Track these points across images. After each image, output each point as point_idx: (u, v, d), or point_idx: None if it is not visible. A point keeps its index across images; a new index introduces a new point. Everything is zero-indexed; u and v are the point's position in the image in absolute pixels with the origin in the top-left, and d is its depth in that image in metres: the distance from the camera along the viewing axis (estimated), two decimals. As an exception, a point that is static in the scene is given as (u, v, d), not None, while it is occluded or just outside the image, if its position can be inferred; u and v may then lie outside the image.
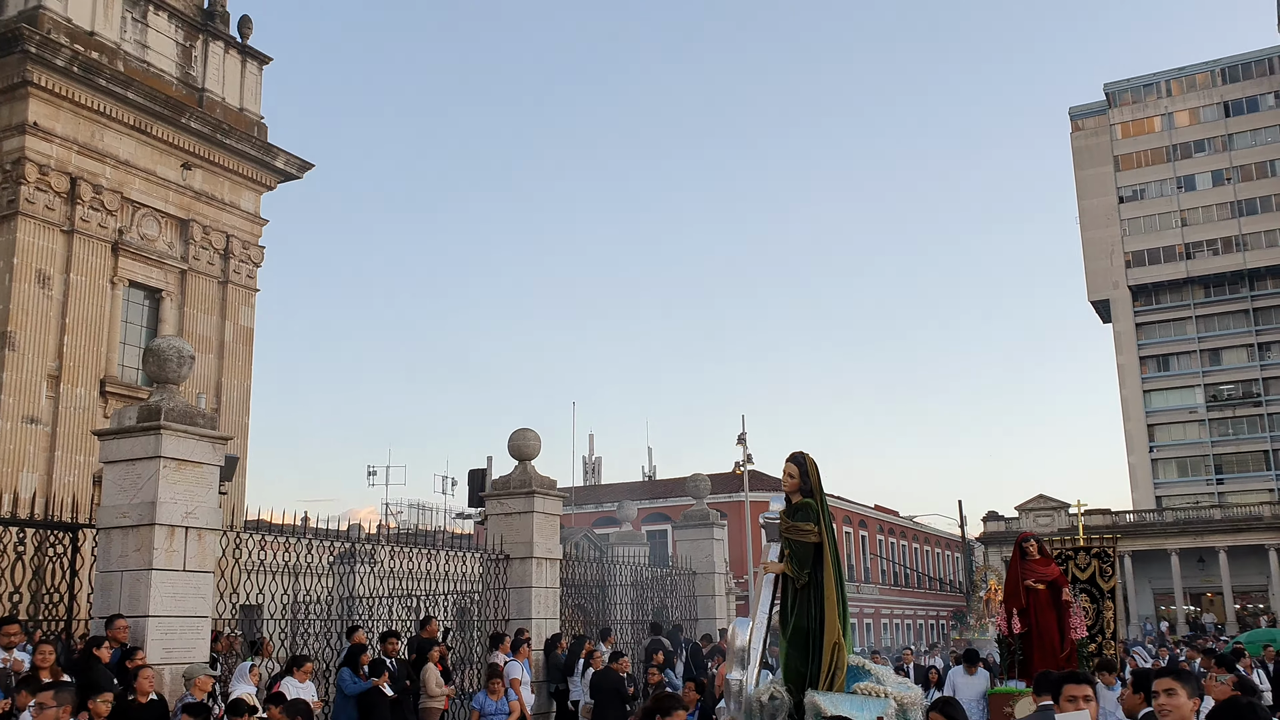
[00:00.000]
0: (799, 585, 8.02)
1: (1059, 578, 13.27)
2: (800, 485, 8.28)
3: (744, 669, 7.69)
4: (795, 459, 8.34)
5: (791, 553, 8.06)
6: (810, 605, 7.95)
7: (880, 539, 68.35)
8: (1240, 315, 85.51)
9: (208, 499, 11.83)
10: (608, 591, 22.03)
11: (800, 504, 8.19)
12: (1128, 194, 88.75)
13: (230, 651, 14.33)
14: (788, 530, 8.10)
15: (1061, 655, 12.41)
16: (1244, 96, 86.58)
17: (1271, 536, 63.01)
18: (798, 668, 7.81)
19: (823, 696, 7.45)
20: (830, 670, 7.68)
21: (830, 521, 8.18)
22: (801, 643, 7.86)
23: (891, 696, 7.53)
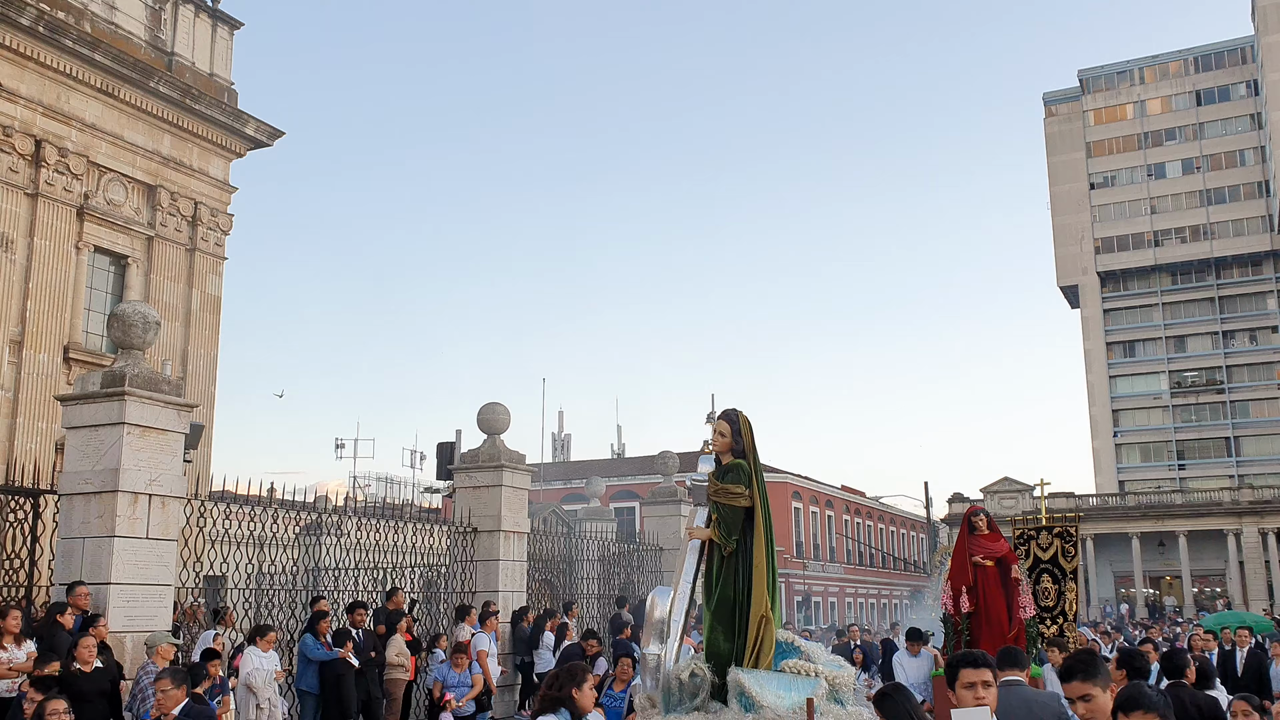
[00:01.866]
0: (726, 553, 7.40)
1: (1008, 554, 12.65)
2: (732, 445, 7.64)
3: (662, 643, 7.12)
4: (727, 416, 7.73)
5: (720, 517, 7.43)
6: (737, 575, 7.35)
7: (846, 519, 68.89)
8: (1206, 303, 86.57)
9: (172, 467, 11.73)
10: (575, 566, 22.08)
11: (731, 465, 7.55)
12: (1099, 180, 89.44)
13: (193, 620, 14.25)
14: (716, 493, 7.47)
15: (1010, 635, 11.79)
16: (1215, 86, 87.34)
17: (1230, 522, 64.02)
18: (722, 643, 7.23)
19: (747, 674, 6.89)
20: (756, 646, 7.11)
21: (763, 485, 7.57)
22: (727, 616, 7.30)
23: (822, 676, 6.98)
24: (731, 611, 7.26)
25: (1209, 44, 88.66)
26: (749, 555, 7.34)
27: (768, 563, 7.34)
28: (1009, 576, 12.35)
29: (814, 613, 58.41)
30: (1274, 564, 62.76)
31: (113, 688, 10.05)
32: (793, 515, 60.53)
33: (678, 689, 6.96)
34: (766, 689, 6.68)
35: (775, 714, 6.53)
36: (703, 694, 6.95)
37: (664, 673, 7.00)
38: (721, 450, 7.67)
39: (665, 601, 7.22)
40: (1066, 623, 13.29)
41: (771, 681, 6.81)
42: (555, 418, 77.46)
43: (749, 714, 6.58)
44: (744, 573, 7.33)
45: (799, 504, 61.70)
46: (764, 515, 7.43)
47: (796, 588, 58.54)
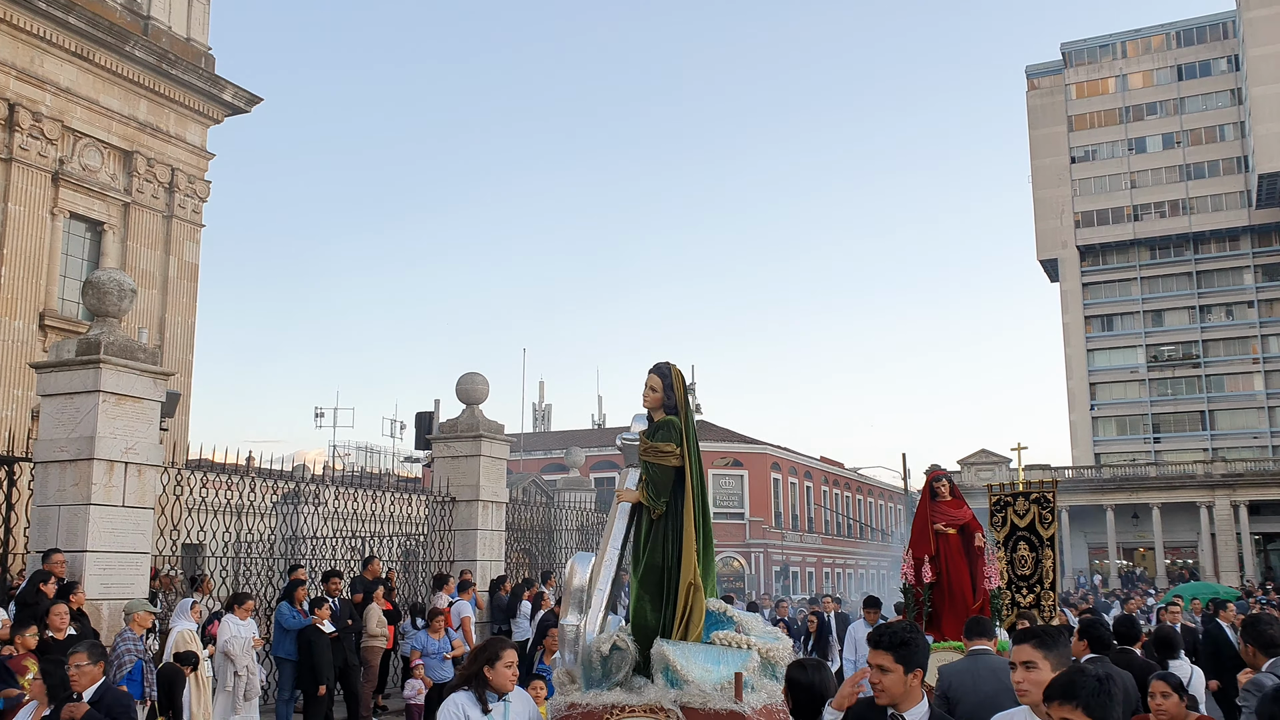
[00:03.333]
0: (654, 516, 6.93)
1: (971, 521, 11.99)
2: (663, 400, 7.17)
3: (581, 613, 6.66)
4: (658, 369, 7.25)
5: (648, 478, 6.97)
6: (666, 540, 6.89)
7: (825, 490, 69.34)
8: (1184, 278, 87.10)
9: (148, 435, 11.70)
10: (554, 536, 22.18)
11: (662, 422, 7.11)
12: (1080, 154, 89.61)
13: (170, 588, 14.26)
14: (645, 452, 7.02)
15: (974, 607, 11.23)
16: (1196, 60, 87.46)
17: (1203, 494, 64.79)
18: (649, 613, 6.79)
19: (672, 647, 6.44)
20: (684, 617, 6.66)
21: (696, 443, 7.14)
22: (655, 584, 6.84)
23: (755, 648, 6.54)
24: (660, 580, 6.81)
25: (1191, 18, 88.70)
26: (679, 518, 6.88)
27: (699, 526, 6.90)
28: (973, 545, 11.80)
29: (792, 582, 58.88)
30: (1245, 536, 63.65)
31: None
32: (772, 486, 60.88)
33: (599, 663, 6.53)
34: (693, 662, 6.30)
35: (701, 689, 6.17)
36: (625, 668, 6.53)
37: (583, 646, 6.57)
38: (652, 406, 7.22)
39: (585, 569, 6.78)
40: (1043, 591, 12.74)
41: (699, 654, 6.40)
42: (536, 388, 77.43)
43: (674, 689, 6.20)
44: (673, 538, 6.87)
45: (778, 475, 62.03)
46: (696, 476, 6.99)
47: (775, 558, 58.97)
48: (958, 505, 12.05)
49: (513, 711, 5.60)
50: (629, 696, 6.31)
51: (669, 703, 6.12)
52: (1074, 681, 3.54)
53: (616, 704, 6.28)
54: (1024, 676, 4.17)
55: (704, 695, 6.11)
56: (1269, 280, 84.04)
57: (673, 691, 6.19)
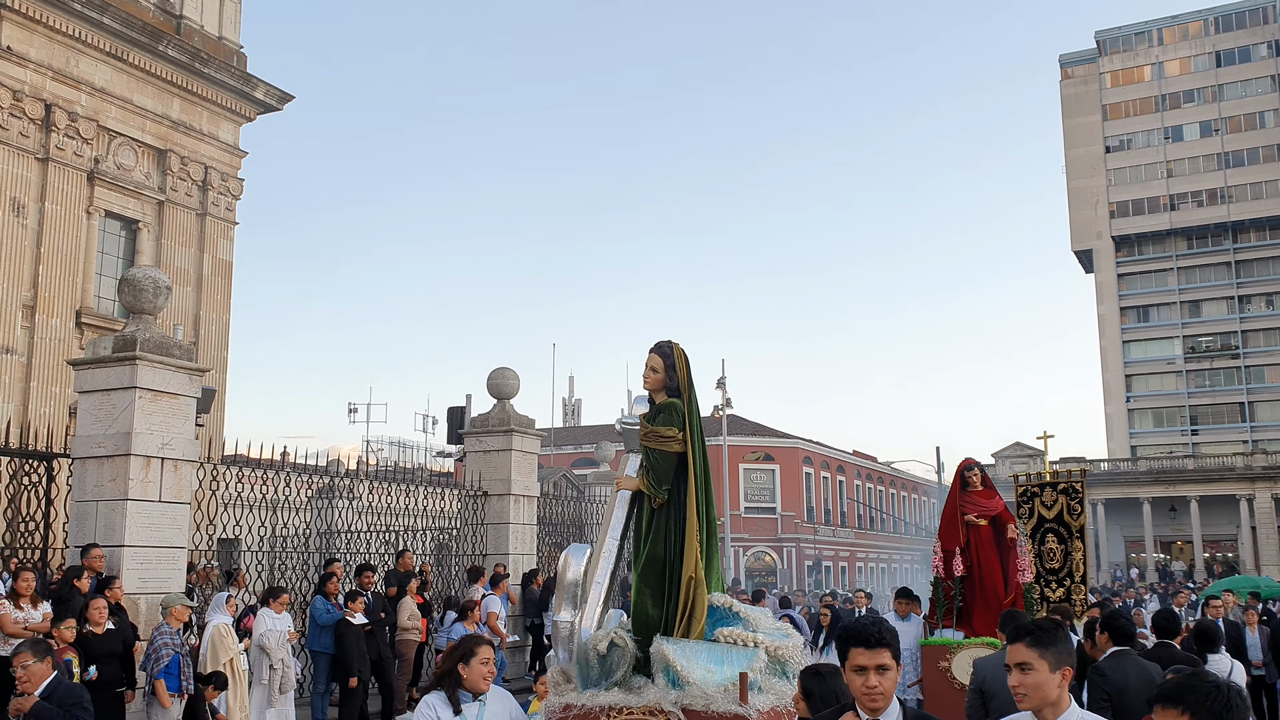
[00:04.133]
0: (655, 505, 6.54)
1: (1004, 512, 11.58)
2: (665, 382, 6.77)
3: (575, 609, 6.25)
4: (659, 349, 6.83)
5: (649, 464, 6.59)
6: (669, 531, 6.49)
7: (858, 484, 69.03)
8: (1222, 268, 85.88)
9: (184, 430, 11.81)
10: (584, 530, 22.20)
11: (664, 404, 6.70)
12: (1114, 144, 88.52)
13: (206, 582, 14.40)
14: (646, 437, 6.61)
15: (1006, 601, 10.83)
16: (1235, 46, 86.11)
17: (1243, 487, 63.92)
18: (650, 609, 6.37)
19: (673, 646, 6.01)
20: (686, 612, 6.23)
21: (699, 427, 6.72)
22: (656, 578, 6.43)
23: (762, 646, 6.09)
24: (661, 573, 6.40)
25: (1229, 4, 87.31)
26: (681, 508, 6.47)
27: (702, 515, 6.49)
28: (1005, 537, 11.36)
29: (825, 576, 58.69)
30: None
31: (125, 649, 10.19)
32: (804, 480, 60.67)
33: (596, 662, 6.14)
34: (695, 662, 5.88)
35: (704, 690, 5.76)
36: (623, 667, 6.13)
37: (578, 643, 6.17)
38: (654, 388, 6.83)
39: (579, 561, 6.36)
40: (1074, 585, 12.26)
41: (701, 653, 5.99)
42: (566, 383, 77.53)
43: (675, 690, 5.80)
44: (676, 528, 6.46)
45: (810, 469, 61.81)
46: (699, 462, 6.58)
47: (808, 552, 58.79)
48: (989, 496, 11.64)
49: (489, 712, 5.30)
50: (627, 698, 5.97)
51: (669, 704, 5.79)
52: (1186, 685, 3.08)
53: (614, 705, 5.94)
54: (1020, 680, 3.67)
55: (706, 697, 5.75)
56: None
57: (674, 693, 5.82)
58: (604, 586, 6.40)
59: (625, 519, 6.65)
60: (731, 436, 46.81)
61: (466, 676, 5.15)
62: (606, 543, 6.56)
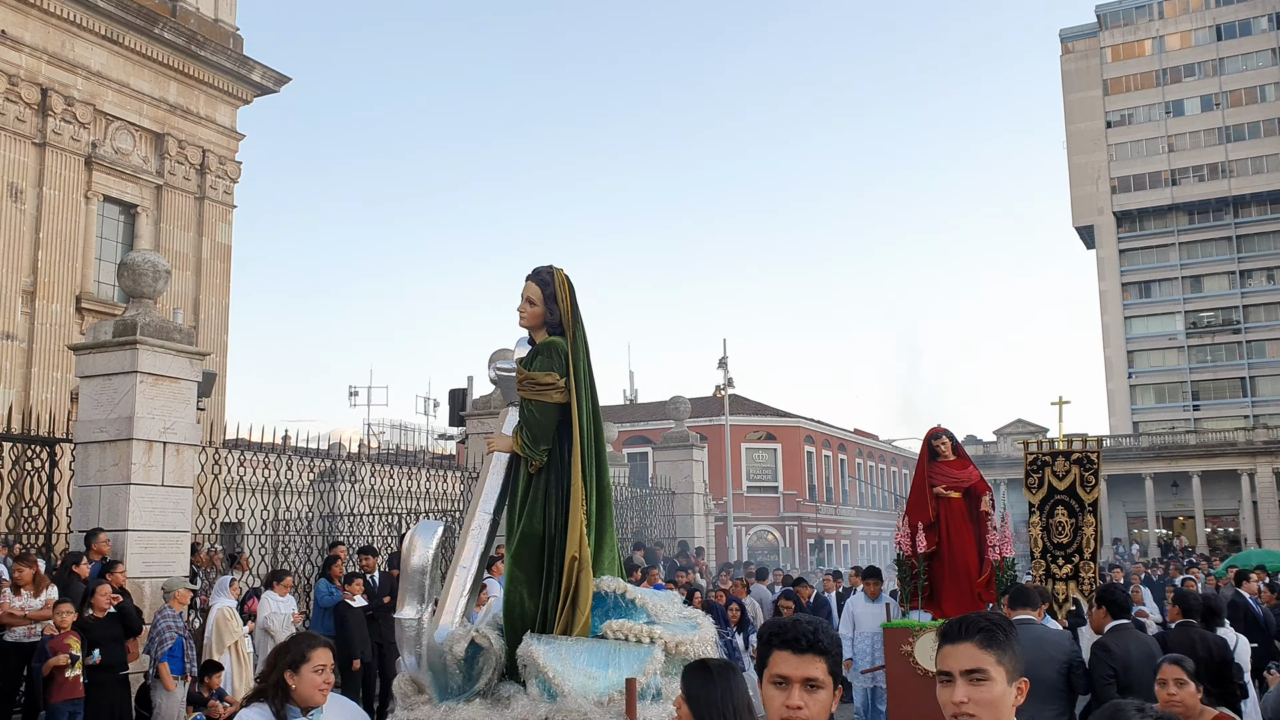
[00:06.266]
0: (531, 470, 5.35)
1: (978, 483, 10.65)
2: (545, 316, 5.52)
3: (421, 603, 5.19)
4: (538, 275, 5.57)
5: (524, 419, 5.36)
6: (548, 502, 5.31)
7: (859, 462, 69.10)
8: (1223, 242, 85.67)
9: (186, 415, 11.80)
10: (588, 510, 22.19)
11: (543, 344, 5.47)
12: (1115, 119, 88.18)
13: (210, 566, 14.43)
14: (522, 385, 5.38)
15: (979, 580, 10.04)
16: (1236, 20, 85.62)
17: (1244, 462, 64.00)
18: (524, 600, 5.23)
19: (546, 646, 4.91)
20: (566, 602, 5.09)
21: (588, 371, 5.49)
22: (533, 560, 5.27)
23: (660, 642, 5.02)
24: (539, 554, 5.27)
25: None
26: (564, 472, 5.30)
27: (590, 482, 5.34)
28: (978, 510, 10.46)
29: (826, 555, 58.83)
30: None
31: (128, 633, 10.21)
32: (805, 459, 60.73)
33: (455, 667, 5.06)
34: (571, 665, 4.81)
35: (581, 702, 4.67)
36: (488, 673, 5.07)
37: (427, 645, 5.10)
38: (532, 325, 5.58)
39: (427, 543, 5.25)
40: (1083, 562, 11.48)
41: (580, 655, 4.91)
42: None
43: (547, 702, 4.75)
44: (557, 498, 5.29)
45: (811, 448, 61.85)
46: (587, 416, 5.37)
47: (810, 531, 58.92)
48: (962, 465, 10.79)
49: None
50: (489, 712, 4.91)
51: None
52: None
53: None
54: (969, 695, 2.62)
55: (582, 712, 4.68)
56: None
57: (543, 706, 4.75)
58: (470, 572, 5.37)
59: (501, 488, 5.53)
60: (733, 416, 46.78)
61: (296, 687, 3.99)
62: (475, 518, 5.46)
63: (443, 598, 5.32)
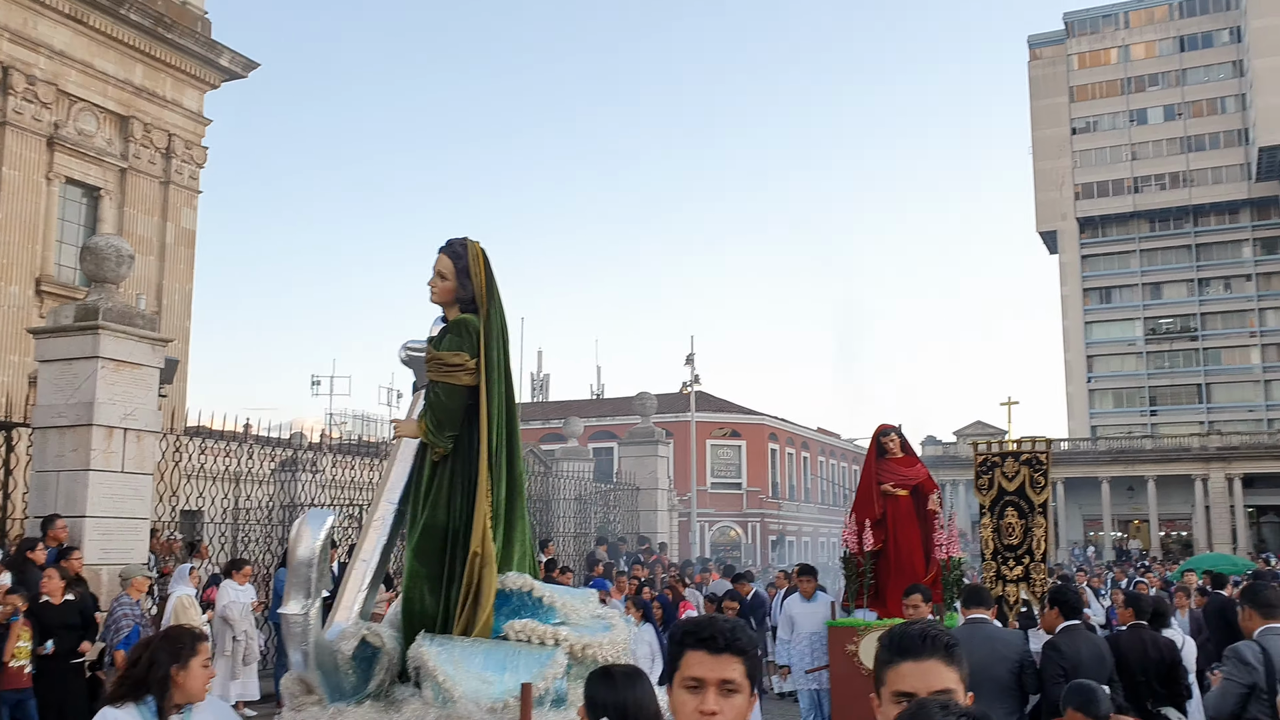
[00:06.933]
0: (435, 457, 5.05)
1: (925, 481, 10.60)
2: (457, 293, 5.24)
3: (308, 597, 4.76)
4: (450, 248, 5.35)
5: (429, 403, 5.05)
6: (453, 492, 5.01)
7: (822, 460, 69.54)
8: (1183, 250, 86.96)
9: (147, 401, 11.70)
10: (551, 505, 22.25)
11: (454, 322, 5.19)
12: (1080, 125, 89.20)
13: (169, 554, 14.32)
14: (431, 366, 5.10)
15: (925, 579, 9.84)
16: (1199, 32, 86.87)
17: (1198, 467, 65.02)
18: (424, 596, 4.97)
19: (439, 647, 4.61)
20: (467, 600, 4.78)
21: (502, 352, 5.16)
22: (434, 554, 4.97)
23: (565, 644, 4.70)
24: (441, 548, 4.97)
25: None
26: (471, 460, 4.98)
27: (498, 472, 5.00)
28: (925, 509, 10.36)
29: (787, 551, 59.20)
30: (1239, 508, 63.96)
31: (84, 619, 10.12)
32: (769, 456, 61.05)
33: (349, 668, 4.77)
34: (465, 668, 4.50)
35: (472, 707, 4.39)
36: (380, 674, 4.80)
37: (314, 643, 4.73)
38: (444, 301, 5.29)
39: (315, 534, 4.81)
40: (1034, 563, 11.46)
41: (476, 657, 4.60)
42: (534, 357, 77.42)
43: (439, 707, 4.49)
44: (464, 489, 4.98)
45: (775, 445, 62.18)
46: (498, 401, 5.03)
47: (772, 527, 59.27)
48: (909, 463, 10.72)
49: None
50: (380, 716, 4.65)
51: None
52: None
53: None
54: None
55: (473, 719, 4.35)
56: (1267, 254, 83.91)
57: (434, 712, 4.48)
58: (371, 565, 5.08)
59: (408, 477, 5.19)
60: (699, 413, 46.95)
61: (183, 683, 3.73)
62: (379, 508, 5.16)
63: (340, 592, 5.07)
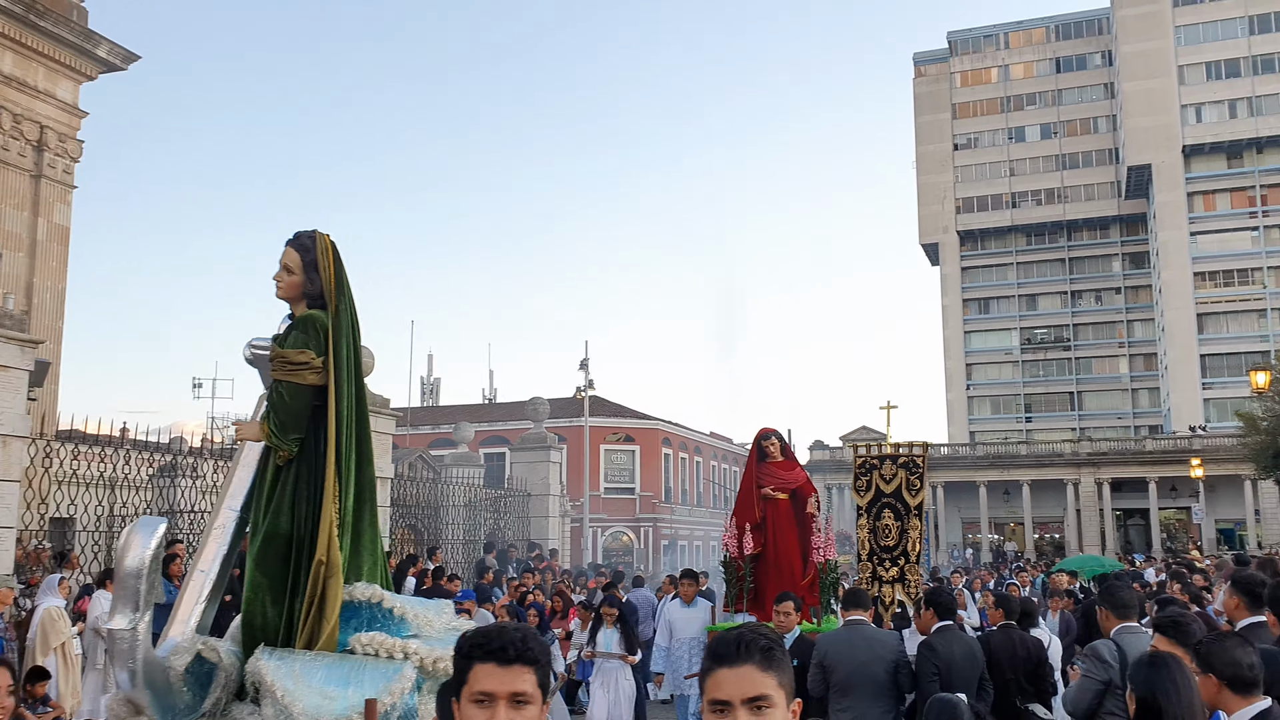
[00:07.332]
0: (279, 460, 4.79)
1: (804, 485, 10.67)
2: (305, 287, 5.00)
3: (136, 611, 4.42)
4: (298, 241, 5.07)
5: (272, 403, 4.79)
6: (297, 498, 4.73)
7: (714, 465, 70.32)
8: (1057, 264, 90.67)
9: (14, 404, 11.25)
10: (440, 512, 22.05)
11: (300, 319, 4.96)
12: (962, 142, 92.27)
13: (36, 563, 13.76)
14: (275, 364, 4.86)
15: (803, 582, 9.91)
16: (1074, 54, 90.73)
17: (1070, 472, 67.71)
18: (265, 609, 4.69)
19: (278, 661, 4.35)
20: (312, 611, 4.51)
21: (353, 351, 4.94)
22: (277, 563, 4.72)
23: (415, 657, 4.45)
24: (286, 557, 4.71)
25: (1070, 13, 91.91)
26: (318, 466, 4.72)
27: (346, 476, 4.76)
28: (804, 512, 10.42)
29: (679, 556, 59.68)
30: (1107, 512, 66.83)
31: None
32: (663, 461, 61.47)
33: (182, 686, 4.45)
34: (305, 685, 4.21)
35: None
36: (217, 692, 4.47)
37: (142, 659, 4.38)
38: (290, 296, 5.07)
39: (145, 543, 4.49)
40: (909, 565, 11.59)
41: (317, 672, 4.31)
42: (424, 361, 76.49)
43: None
44: (309, 494, 4.71)
45: (669, 450, 62.65)
46: (349, 401, 4.82)
47: (664, 532, 59.67)
48: (789, 467, 10.79)
49: None
50: None
51: None
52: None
53: None
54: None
55: None
56: (1135, 268, 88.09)
57: None
58: (210, 576, 4.84)
59: (252, 482, 4.94)
60: (593, 418, 47.06)
61: None
62: (220, 515, 4.96)
63: (175, 605, 4.81)
